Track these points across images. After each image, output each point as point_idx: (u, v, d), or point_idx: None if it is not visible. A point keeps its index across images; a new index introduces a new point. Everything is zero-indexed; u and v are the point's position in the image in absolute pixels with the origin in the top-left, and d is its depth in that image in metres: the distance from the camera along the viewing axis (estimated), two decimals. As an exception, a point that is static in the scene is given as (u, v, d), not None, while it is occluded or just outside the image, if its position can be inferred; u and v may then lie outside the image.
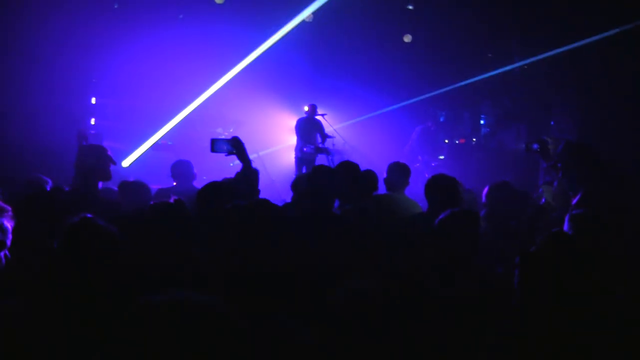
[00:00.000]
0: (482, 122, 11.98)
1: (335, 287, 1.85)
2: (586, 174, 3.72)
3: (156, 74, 9.85)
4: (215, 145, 3.48)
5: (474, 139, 11.79)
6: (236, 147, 3.40)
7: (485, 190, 4.14)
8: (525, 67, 11.00)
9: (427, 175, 10.70)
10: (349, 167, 4.22)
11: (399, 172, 4.72)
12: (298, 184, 4.19)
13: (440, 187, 3.58)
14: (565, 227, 2.89)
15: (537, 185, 8.51)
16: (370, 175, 4.35)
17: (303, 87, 10.88)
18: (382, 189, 4.63)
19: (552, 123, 11.06)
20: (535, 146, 4.43)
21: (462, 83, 10.96)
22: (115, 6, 9.54)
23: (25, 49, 7.61)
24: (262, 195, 4.00)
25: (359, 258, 2.85)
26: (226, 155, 3.50)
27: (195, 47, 10.00)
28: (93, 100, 10.24)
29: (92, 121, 10.15)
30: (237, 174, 3.51)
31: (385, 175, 4.74)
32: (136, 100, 10.08)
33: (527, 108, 11.27)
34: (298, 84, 10.90)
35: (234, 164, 2.98)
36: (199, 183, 4.68)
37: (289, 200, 4.34)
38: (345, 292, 1.82)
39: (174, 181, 5.29)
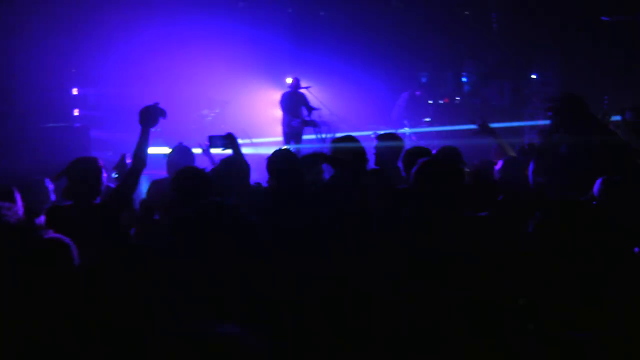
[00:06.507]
0: (464, 79, 12.03)
1: None
2: None
3: (142, 63, 9.77)
4: (212, 142, 3.86)
5: (457, 98, 11.86)
6: (231, 142, 3.79)
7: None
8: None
9: (413, 139, 10.77)
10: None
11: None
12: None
13: None
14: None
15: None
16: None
17: (282, 60, 10.83)
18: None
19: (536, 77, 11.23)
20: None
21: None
22: None
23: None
24: (257, 176, 4.08)
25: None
26: (223, 150, 3.82)
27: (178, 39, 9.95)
28: (75, 91, 10.14)
29: (76, 112, 10.06)
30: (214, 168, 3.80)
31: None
32: (120, 89, 9.97)
33: (509, 64, 11.36)
34: (277, 57, 10.83)
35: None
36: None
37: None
38: None
39: (168, 172, 4.21)
